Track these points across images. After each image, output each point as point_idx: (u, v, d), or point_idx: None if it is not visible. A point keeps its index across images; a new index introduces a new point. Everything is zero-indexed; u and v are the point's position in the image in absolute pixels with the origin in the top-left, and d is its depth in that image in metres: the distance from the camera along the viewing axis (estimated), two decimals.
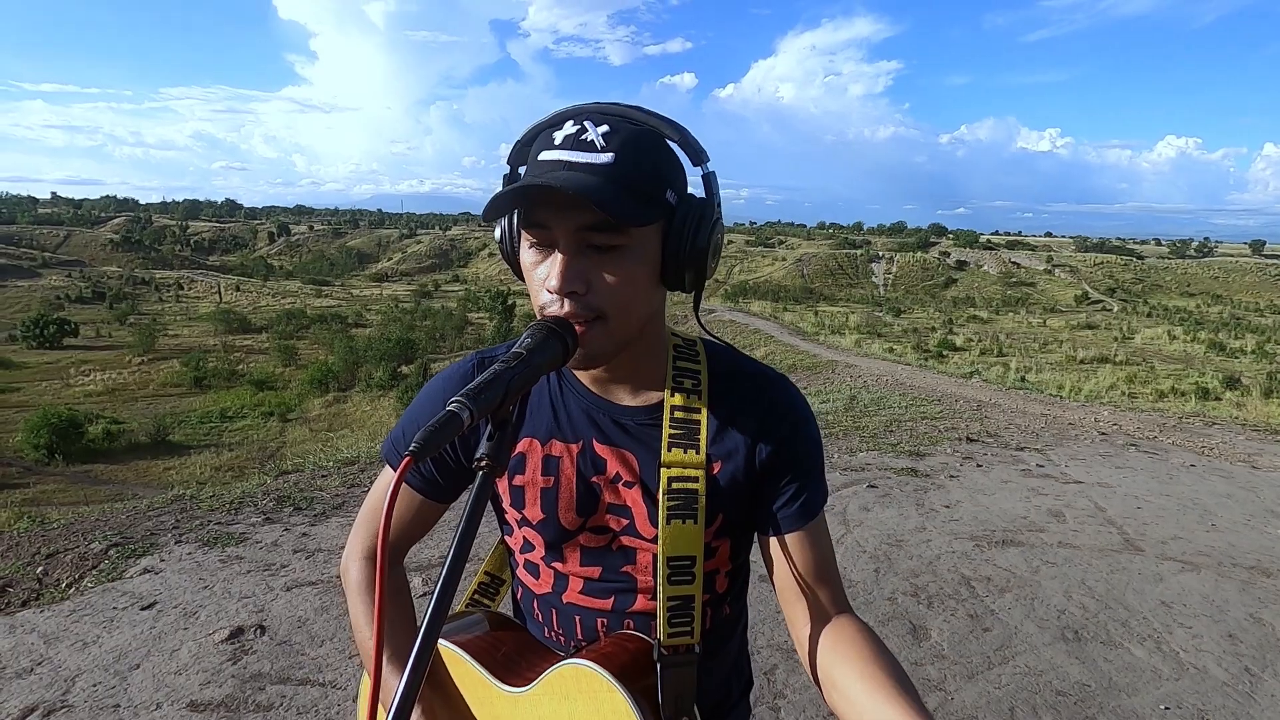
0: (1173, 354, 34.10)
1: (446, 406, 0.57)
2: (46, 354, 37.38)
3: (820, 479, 0.86)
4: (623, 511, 0.83)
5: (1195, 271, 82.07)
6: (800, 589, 0.83)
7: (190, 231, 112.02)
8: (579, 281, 0.71)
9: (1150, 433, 7.22)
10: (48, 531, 3.99)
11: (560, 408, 0.85)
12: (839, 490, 4.67)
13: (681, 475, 0.80)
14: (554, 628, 0.89)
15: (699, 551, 0.80)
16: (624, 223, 0.69)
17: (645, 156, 0.72)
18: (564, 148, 0.70)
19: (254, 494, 4.48)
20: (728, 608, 0.91)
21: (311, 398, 29.87)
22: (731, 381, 0.85)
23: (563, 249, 0.71)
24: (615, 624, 0.85)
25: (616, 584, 0.85)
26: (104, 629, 2.78)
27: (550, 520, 0.84)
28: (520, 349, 0.67)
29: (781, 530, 0.83)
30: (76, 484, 20.39)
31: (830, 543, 0.86)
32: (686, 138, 0.75)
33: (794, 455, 0.83)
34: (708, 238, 0.75)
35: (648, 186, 0.72)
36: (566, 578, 0.87)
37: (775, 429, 0.83)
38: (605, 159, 0.69)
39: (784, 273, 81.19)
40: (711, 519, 0.82)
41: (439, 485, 0.89)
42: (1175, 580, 3.48)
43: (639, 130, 0.73)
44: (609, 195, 0.67)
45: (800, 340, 23.35)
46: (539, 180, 0.68)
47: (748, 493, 0.83)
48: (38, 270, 71.10)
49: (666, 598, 0.80)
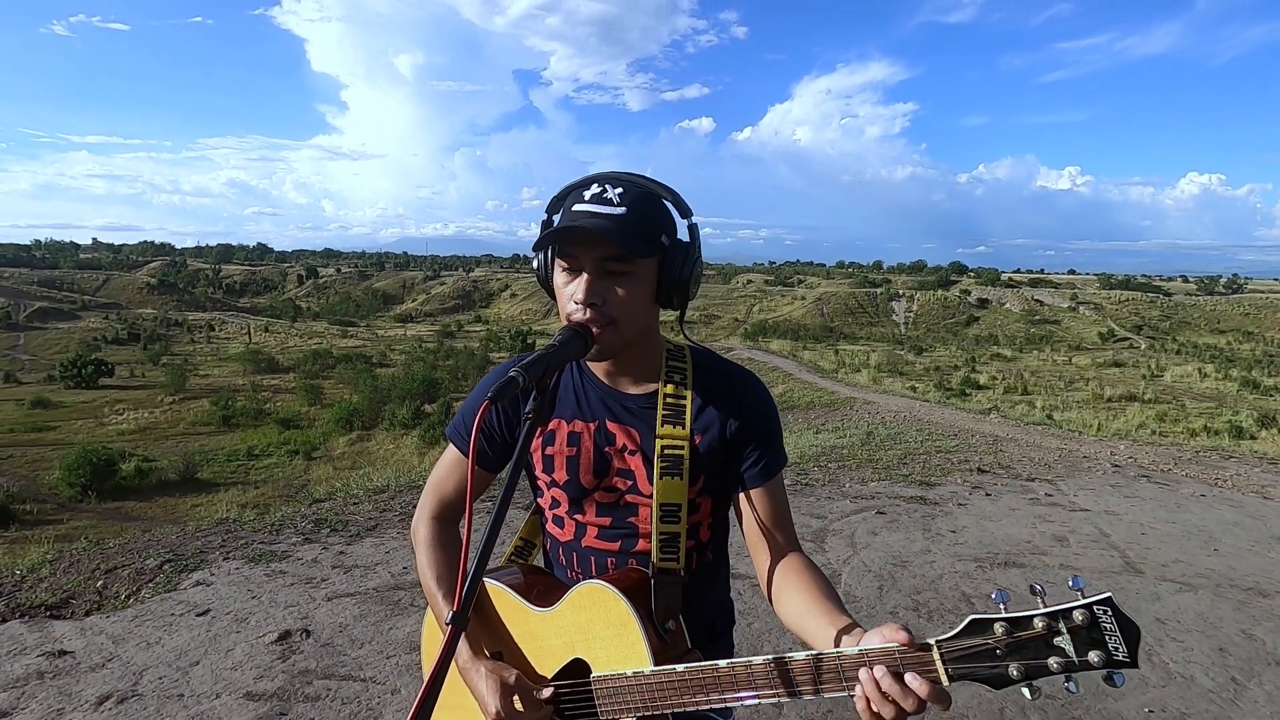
0: (1204, 392, 33.52)
1: (508, 374, 0.86)
2: (83, 393, 38.53)
3: (778, 448, 1.13)
4: (628, 475, 1.11)
5: (1225, 308, 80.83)
6: (762, 533, 1.10)
7: (222, 274, 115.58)
8: (598, 296, 1.00)
9: (1164, 465, 7.27)
10: (105, 550, 4.29)
11: (581, 395, 1.14)
12: (848, 516, 4.84)
13: (671, 445, 1.08)
14: (575, 569, 1.15)
15: (683, 500, 1.07)
16: (631, 255, 0.99)
17: (647, 210, 1.02)
18: (592, 203, 1.00)
19: (293, 518, 4.76)
20: (710, 554, 1.17)
21: (336, 436, 30.39)
22: (710, 375, 1.13)
23: (588, 273, 1.00)
24: (621, 562, 1.12)
25: (623, 530, 1.12)
26: (164, 631, 3.05)
27: (573, 481, 1.12)
28: (554, 342, 0.96)
29: (746, 486, 1.11)
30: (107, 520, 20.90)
31: (786, 498, 1.13)
32: (677, 199, 1.06)
33: (755, 428, 1.11)
34: (690, 271, 1.05)
35: (649, 231, 1.02)
36: (585, 527, 1.14)
37: (741, 409, 1.11)
38: (620, 211, 1.00)
39: (804, 311, 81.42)
40: (695, 479, 1.09)
41: (488, 456, 1.17)
42: (1172, 599, 3.60)
43: (644, 191, 1.03)
44: (623, 236, 0.98)
45: (819, 378, 23.45)
46: (576, 224, 0.98)
47: (722, 458, 1.11)
48: (77, 313, 73.69)
49: (659, 533, 1.07)
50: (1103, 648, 0.71)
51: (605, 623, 1.00)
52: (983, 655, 0.76)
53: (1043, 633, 0.73)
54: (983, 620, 0.76)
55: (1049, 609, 0.74)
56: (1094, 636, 0.72)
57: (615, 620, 0.99)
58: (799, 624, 0.98)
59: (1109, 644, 0.71)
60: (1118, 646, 0.71)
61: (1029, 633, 0.74)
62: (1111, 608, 0.71)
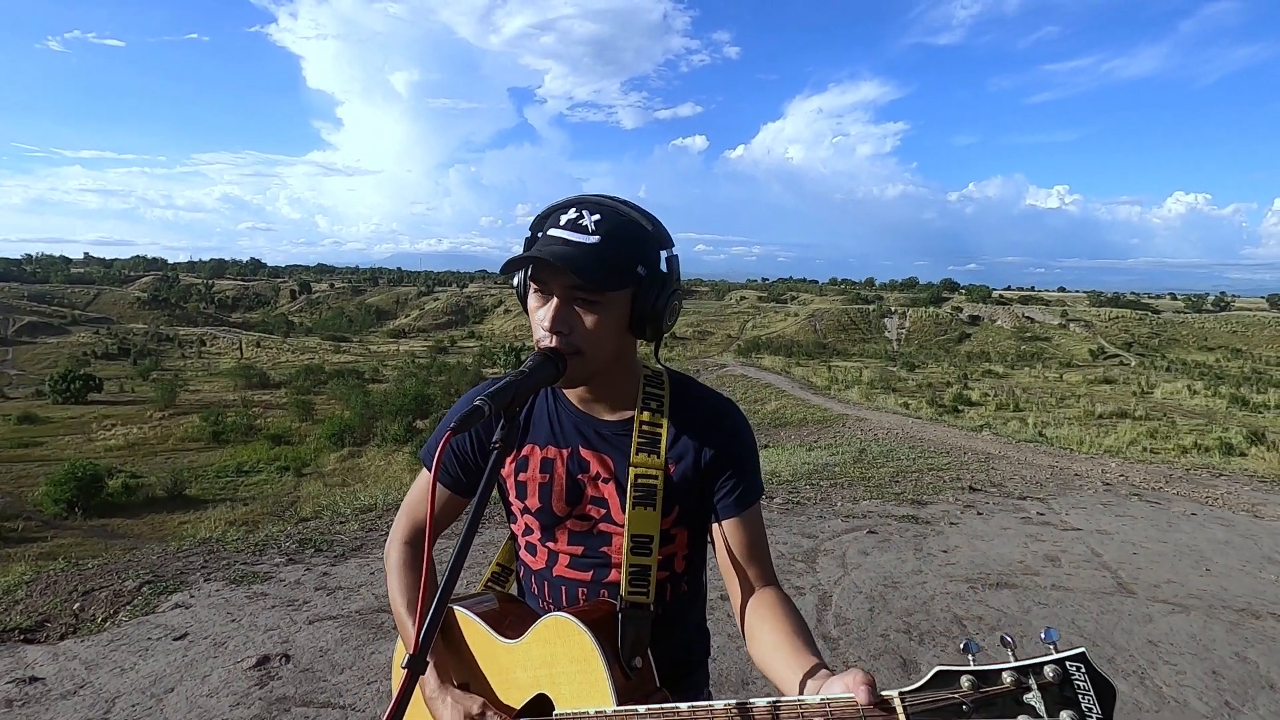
0: (1194, 409, 33.66)
1: (473, 403, 0.83)
2: (71, 409, 38.14)
3: (754, 477, 1.10)
4: (601, 503, 1.08)
5: (1213, 326, 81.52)
6: (735, 566, 1.06)
7: (215, 289, 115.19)
8: (564, 324, 0.97)
9: (1155, 483, 7.27)
10: (83, 571, 4.21)
11: (555, 421, 1.11)
12: (839, 536, 4.80)
13: (645, 473, 1.04)
14: (545, 598, 1.12)
15: (656, 532, 1.04)
16: (598, 289, 0.96)
17: (623, 240, 0.99)
18: (566, 229, 0.98)
19: (277, 538, 4.69)
20: (685, 585, 1.14)
21: (327, 452, 30.15)
22: (687, 403, 1.10)
23: (557, 299, 0.98)
24: (593, 593, 1.09)
25: (595, 560, 1.08)
26: (140, 657, 2.98)
27: (545, 508, 1.09)
28: (525, 368, 0.93)
29: (720, 517, 1.07)
30: (92, 538, 20.60)
31: (763, 528, 1.10)
32: (658, 229, 1.03)
33: (730, 456, 1.07)
34: (665, 304, 1.02)
35: (622, 262, 0.99)
36: (557, 555, 1.11)
37: (717, 437, 1.08)
38: (593, 240, 0.97)
39: (796, 328, 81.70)
40: (669, 509, 1.06)
41: (461, 481, 1.14)
42: (1164, 621, 3.57)
43: (622, 219, 1.00)
44: (588, 267, 0.95)
45: (811, 394, 23.46)
46: (539, 253, 0.96)
47: (698, 487, 1.07)
48: (67, 327, 73.18)
49: (629, 565, 1.03)
50: (1075, 707, 0.66)
51: (569, 658, 0.97)
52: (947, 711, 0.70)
53: (1011, 688, 0.67)
54: (949, 672, 0.71)
55: (1019, 663, 0.68)
56: (1066, 695, 0.66)
57: (579, 656, 0.96)
58: (767, 664, 0.95)
59: (1082, 704, 0.66)
60: (1090, 707, 0.65)
61: (997, 688, 0.68)
62: (1085, 664, 0.66)
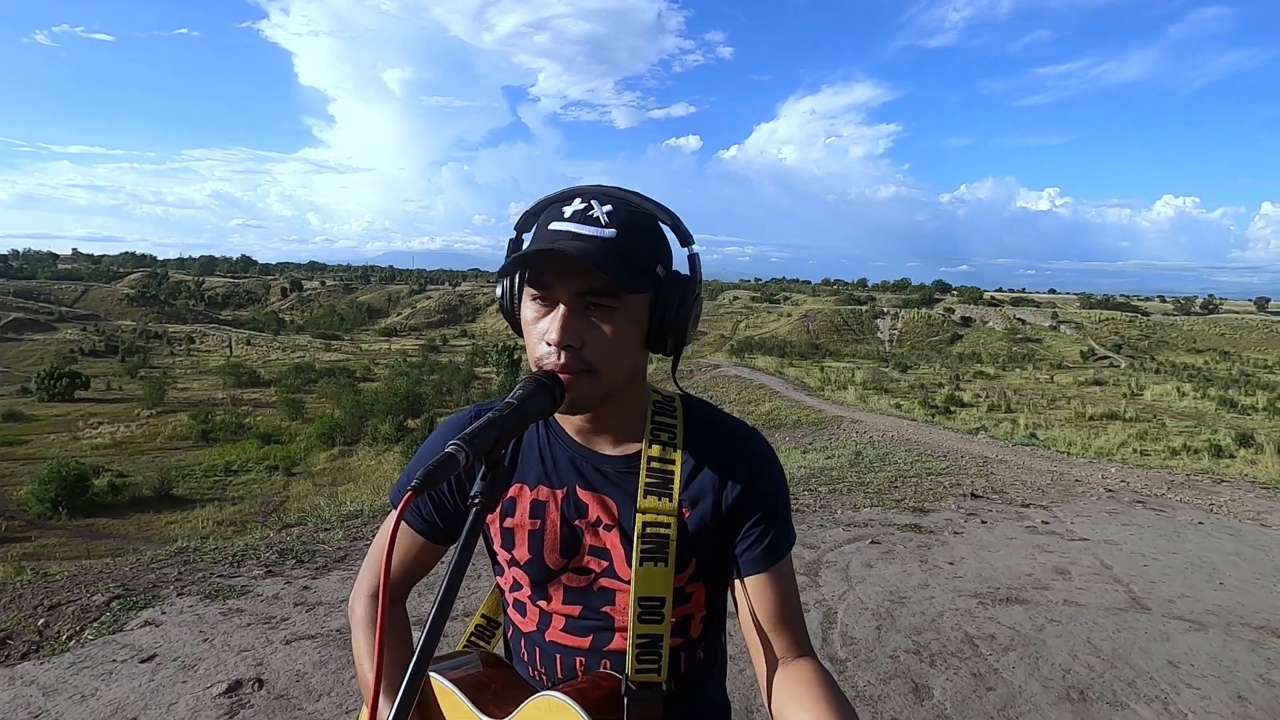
0: (1183, 410, 33.75)
1: (445, 449, 0.65)
2: (57, 406, 37.62)
3: (785, 523, 0.92)
4: (602, 554, 0.89)
5: (1201, 328, 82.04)
6: (764, 631, 0.88)
7: (205, 286, 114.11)
8: (575, 337, 0.79)
9: (1158, 490, 7.16)
10: (50, 584, 4.00)
11: (548, 456, 0.92)
12: (841, 546, 4.64)
13: (655, 521, 0.86)
14: (537, 666, 0.94)
15: (668, 593, 0.86)
16: (620, 289, 0.78)
17: (641, 235, 0.82)
18: (573, 221, 0.80)
19: (256, 547, 4.50)
20: (702, 652, 0.95)
21: (317, 451, 29.83)
22: (704, 434, 0.92)
23: (564, 306, 0.79)
24: (593, 663, 0.90)
25: (595, 622, 0.90)
26: (103, 682, 2.79)
27: (536, 560, 0.91)
28: (513, 399, 0.75)
29: (745, 573, 0.89)
30: (78, 538, 20.25)
31: (795, 586, 0.91)
32: (677, 223, 0.86)
33: (757, 498, 0.89)
34: (689, 310, 0.85)
35: (642, 261, 0.82)
36: (550, 616, 0.92)
37: (741, 475, 0.90)
38: (609, 234, 0.79)
39: (789, 328, 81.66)
40: (684, 563, 0.88)
41: (438, 527, 0.96)
42: (1182, 639, 3.43)
43: (637, 212, 0.83)
44: (610, 265, 0.77)
45: (805, 395, 23.34)
46: (555, 246, 0.77)
47: (717, 536, 0.89)
48: (54, 324, 72.29)
49: (636, 635, 0.85)
50: None
51: None
52: None
53: None
54: None
55: None
56: None
57: None
58: None
59: None
60: None
61: None
62: None
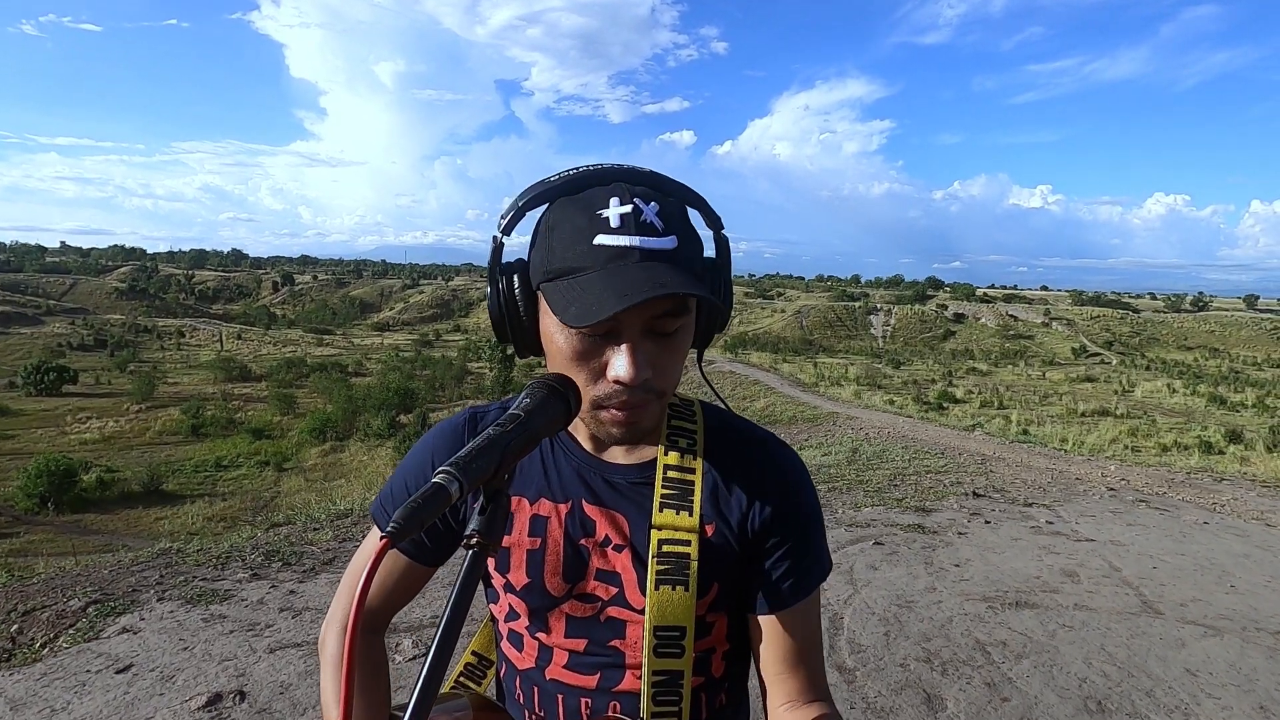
0: (1174, 407, 33.91)
1: (433, 477, 0.51)
2: (45, 401, 37.20)
3: (818, 551, 0.80)
4: (612, 579, 0.77)
5: (1191, 325, 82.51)
6: (777, 669, 0.77)
7: (195, 280, 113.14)
8: (649, 369, 0.67)
9: (1159, 488, 7.10)
10: (26, 587, 3.85)
11: (551, 465, 0.80)
12: (844, 547, 4.54)
13: (673, 538, 0.74)
14: (535, 709, 0.81)
15: (689, 623, 0.74)
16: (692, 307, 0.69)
17: (690, 232, 0.70)
18: (626, 232, 0.65)
19: (242, 548, 4.35)
20: (724, 695, 0.83)
21: (308, 447, 29.59)
22: (728, 442, 0.80)
23: (632, 338, 0.66)
24: (600, 705, 0.78)
25: (603, 659, 0.77)
26: (75, 694, 2.64)
27: (535, 585, 0.78)
28: (519, 410, 0.61)
29: (769, 609, 0.77)
30: (65, 534, 20.00)
31: (819, 621, 0.80)
32: (705, 205, 0.75)
33: (791, 524, 0.78)
34: (730, 301, 0.75)
35: (698, 263, 0.70)
36: (551, 651, 0.79)
37: (772, 494, 0.77)
38: (670, 243, 0.66)
39: (783, 324, 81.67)
40: (706, 588, 0.76)
41: (427, 549, 0.83)
42: (1198, 646, 3.33)
43: (677, 204, 0.71)
44: (686, 282, 0.64)
45: (800, 391, 23.30)
46: (645, 295, 0.61)
47: (743, 558, 0.77)
48: (41, 318, 71.48)
49: (652, 672, 0.73)
50: None
51: None
52: None
53: None
54: None
55: None
56: None
57: None
58: None
59: None
60: None
61: None
62: None
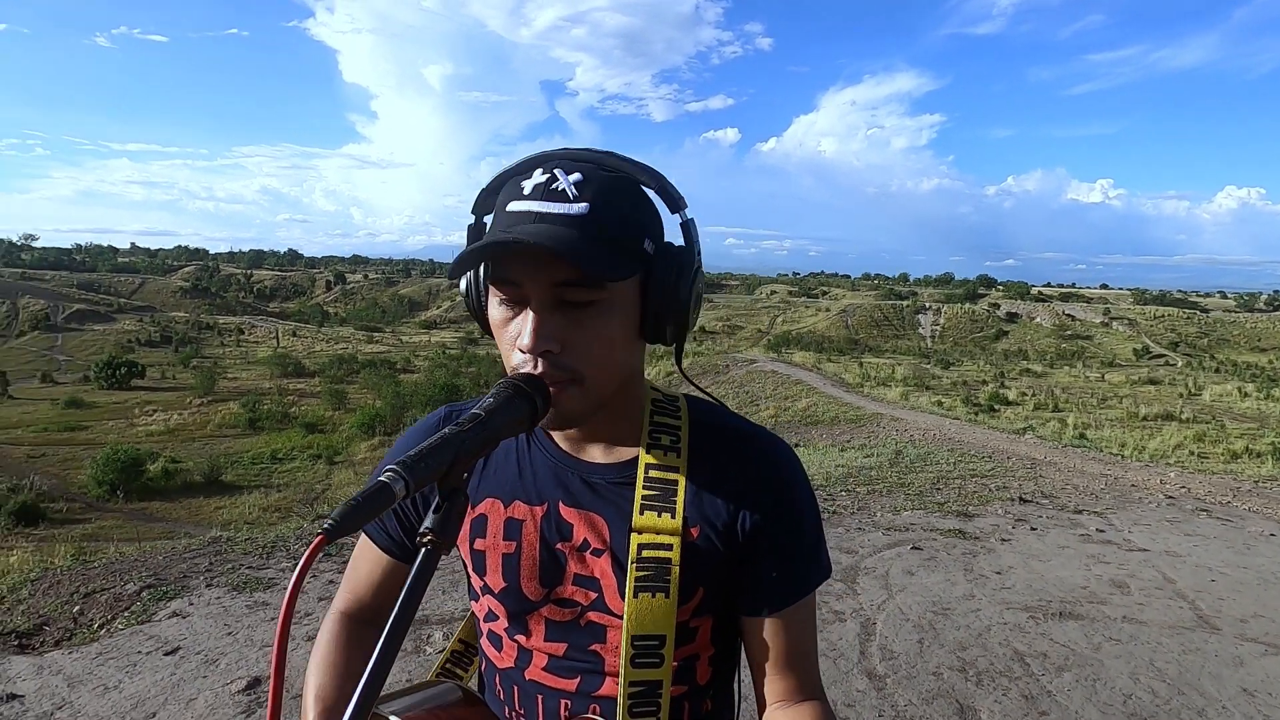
0: (1245, 412, 32.17)
1: (380, 475, 0.52)
2: (116, 394, 39.17)
3: (814, 553, 0.78)
4: (590, 584, 0.76)
5: (1266, 325, 78.09)
6: (770, 670, 0.76)
7: (254, 279, 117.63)
8: (553, 341, 0.66)
9: (1223, 497, 6.74)
10: (89, 570, 4.07)
11: (527, 465, 0.79)
12: (880, 551, 4.45)
13: (654, 542, 0.72)
14: (515, 706, 0.81)
15: (669, 631, 0.72)
16: (601, 279, 0.65)
17: (621, 205, 0.68)
18: (534, 198, 0.66)
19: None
20: (709, 702, 0.81)
21: (358, 441, 30.47)
22: (715, 440, 0.78)
23: (535, 306, 0.66)
24: (580, 707, 0.77)
25: (582, 663, 0.77)
26: (126, 674, 2.78)
27: (512, 589, 0.78)
28: (480, 410, 0.61)
29: (764, 613, 0.76)
30: (132, 521, 21.06)
31: (814, 623, 0.79)
32: (663, 183, 0.71)
33: (784, 527, 0.76)
34: (689, 288, 0.70)
35: (624, 238, 0.67)
36: (530, 653, 0.79)
37: (763, 495, 0.75)
38: (579, 209, 0.65)
39: (828, 323, 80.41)
40: (689, 594, 0.74)
41: (406, 547, 0.84)
42: (1258, 665, 3.16)
43: (613, 177, 0.68)
44: (585, 249, 0.63)
45: (844, 392, 22.89)
46: (509, 235, 0.64)
47: (730, 561, 0.76)
48: (113, 315, 75.33)
49: (629, 682, 0.72)
50: None
51: None
52: None
53: None
54: None
55: None
56: None
57: None
58: None
59: None
60: None
61: None
62: None
